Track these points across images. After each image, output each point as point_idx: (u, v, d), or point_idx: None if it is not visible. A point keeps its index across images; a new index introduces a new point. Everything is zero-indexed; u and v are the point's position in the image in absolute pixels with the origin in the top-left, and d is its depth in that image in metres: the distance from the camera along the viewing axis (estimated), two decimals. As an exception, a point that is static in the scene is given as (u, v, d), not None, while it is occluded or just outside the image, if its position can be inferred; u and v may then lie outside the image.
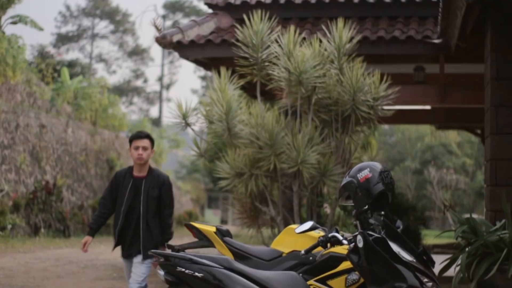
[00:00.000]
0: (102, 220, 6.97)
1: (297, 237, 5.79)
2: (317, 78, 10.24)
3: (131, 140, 6.88)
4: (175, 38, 12.05)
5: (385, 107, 10.72)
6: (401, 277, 4.63)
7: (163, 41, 12.00)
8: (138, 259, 6.84)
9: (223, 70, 10.80)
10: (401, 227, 5.03)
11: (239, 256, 6.00)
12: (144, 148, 6.78)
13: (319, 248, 5.12)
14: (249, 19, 10.68)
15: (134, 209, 6.77)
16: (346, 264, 5.20)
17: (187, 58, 12.75)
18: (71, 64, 30.97)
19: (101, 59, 59.65)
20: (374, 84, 10.36)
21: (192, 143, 11.18)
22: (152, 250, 5.56)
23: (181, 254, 5.27)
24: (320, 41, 10.61)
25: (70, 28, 59.36)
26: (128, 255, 6.92)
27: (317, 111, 10.54)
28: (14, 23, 20.39)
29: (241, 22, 11.17)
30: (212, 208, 47.22)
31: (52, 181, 19.98)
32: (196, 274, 5.12)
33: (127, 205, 6.77)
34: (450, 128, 24.36)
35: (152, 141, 6.91)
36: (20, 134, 18.62)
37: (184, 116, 10.85)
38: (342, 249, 5.19)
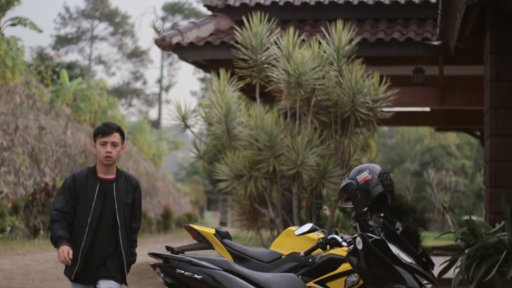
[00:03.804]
0: (69, 230, 5.28)
1: (297, 239, 5.79)
2: (316, 80, 10.25)
3: (96, 135, 5.39)
4: (174, 40, 12.05)
5: (385, 109, 10.73)
6: (401, 279, 4.62)
7: (163, 43, 12.00)
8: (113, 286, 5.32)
9: (222, 72, 10.81)
10: (401, 229, 5.03)
11: (239, 258, 6.00)
12: (114, 145, 5.34)
13: (319, 250, 5.12)
14: (248, 21, 10.69)
15: (103, 221, 5.28)
16: (345, 266, 5.20)
17: (186, 60, 12.76)
18: (70, 66, 30.94)
19: (100, 61, 59.65)
20: (373, 86, 10.37)
21: (192, 145, 11.18)
22: (152, 251, 5.50)
23: (180, 256, 5.26)
24: (319, 43, 10.62)
25: (69, 30, 59.42)
26: (94, 280, 5.32)
27: (316, 113, 10.55)
28: (13, 25, 20.38)
29: (240, 24, 11.18)
30: (212, 210, 47.21)
31: (51, 183, 19.96)
32: (196, 276, 5.11)
33: (96, 215, 5.24)
34: (449, 130, 24.36)
35: (122, 134, 5.45)
36: (19, 136, 18.61)
37: (184, 118, 10.86)
38: (341, 251, 5.19)
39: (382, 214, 4.92)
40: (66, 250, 5.13)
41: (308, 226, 5.25)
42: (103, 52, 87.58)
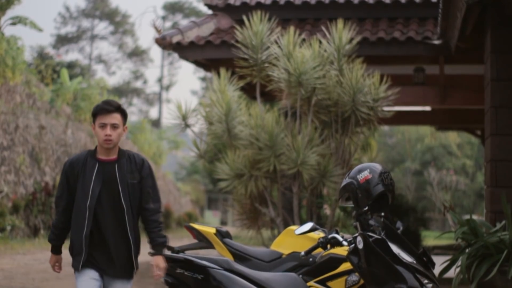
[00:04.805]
0: (66, 232, 5.10)
1: (297, 238, 5.79)
2: (316, 79, 10.24)
3: (94, 115, 4.93)
4: (175, 39, 12.05)
5: (385, 108, 10.72)
6: (401, 278, 4.62)
7: (163, 42, 12.00)
8: (124, 285, 4.99)
9: (222, 71, 10.80)
10: (401, 228, 5.03)
11: (239, 257, 6.00)
12: (114, 126, 4.88)
13: (319, 250, 5.11)
14: (248, 20, 10.68)
15: (106, 205, 4.87)
16: (346, 266, 5.20)
17: (186, 59, 12.76)
18: (70, 65, 30.96)
19: (100, 60, 59.66)
20: (374, 85, 10.36)
21: (192, 144, 11.18)
22: (149, 251, 5.41)
23: (180, 255, 5.26)
24: (320, 42, 10.61)
25: (69, 29, 59.47)
26: (110, 273, 4.97)
27: (317, 112, 10.54)
28: (14, 24, 20.36)
29: (241, 23, 11.17)
30: (212, 209, 47.21)
31: (51, 182, 19.94)
32: (196, 275, 5.11)
33: (94, 197, 4.84)
34: (450, 129, 24.35)
35: (124, 115, 4.96)
36: (20, 135, 18.60)
37: (184, 117, 10.86)
38: (342, 251, 5.18)
39: (382, 214, 4.91)
40: (52, 263, 5.18)
41: (308, 225, 5.24)
42: (104, 51, 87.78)
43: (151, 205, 4.93)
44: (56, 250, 5.14)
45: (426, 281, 4.70)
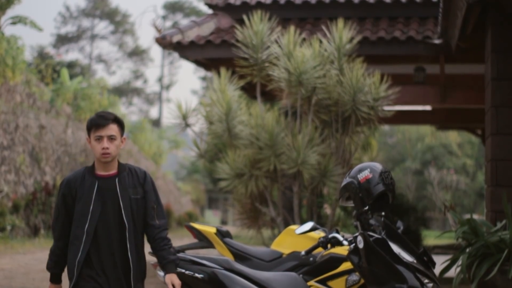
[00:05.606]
0: (65, 259, 4.66)
1: (297, 238, 5.79)
2: (317, 78, 10.24)
3: (89, 128, 4.60)
4: (175, 38, 12.04)
5: (385, 108, 10.72)
6: (402, 278, 4.61)
7: (163, 42, 12.00)
8: None
9: (223, 70, 10.80)
10: (402, 227, 5.02)
11: (239, 257, 6.00)
12: (111, 138, 4.53)
13: (320, 249, 5.11)
14: (249, 19, 10.68)
15: (106, 226, 4.51)
16: (346, 265, 5.20)
17: (187, 59, 12.75)
18: (70, 65, 30.97)
19: (100, 59, 59.62)
20: (374, 84, 10.35)
21: (192, 144, 11.18)
22: (150, 251, 5.34)
23: (181, 255, 5.25)
24: (320, 41, 10.61)
25: (69, 28, 59.40)
26: None
27: (317, 112, 10.53)
28: (14, 23, 20.34)
29: (241, 22, 11.17)
30: (212, 209, 47.21)
31: (51, 182, 19.94)
32: (196, 275, 5.10)
33: (94, 220, 4.48)
34: (450, 129, 24.34)
35: (121, 125, 4.61)
36: (20, 135, 18.59)
37: (184, 117, 10.87)
38: (342, 250, 5.18)
39: (383, 213, 4.90)
40: None
41: (309, 225, 5.24)
42: (104, 51, 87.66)
43: (157, 222, 4.62)
44: (55, 279, 4.74)
45: (426, 280, 4.69)
